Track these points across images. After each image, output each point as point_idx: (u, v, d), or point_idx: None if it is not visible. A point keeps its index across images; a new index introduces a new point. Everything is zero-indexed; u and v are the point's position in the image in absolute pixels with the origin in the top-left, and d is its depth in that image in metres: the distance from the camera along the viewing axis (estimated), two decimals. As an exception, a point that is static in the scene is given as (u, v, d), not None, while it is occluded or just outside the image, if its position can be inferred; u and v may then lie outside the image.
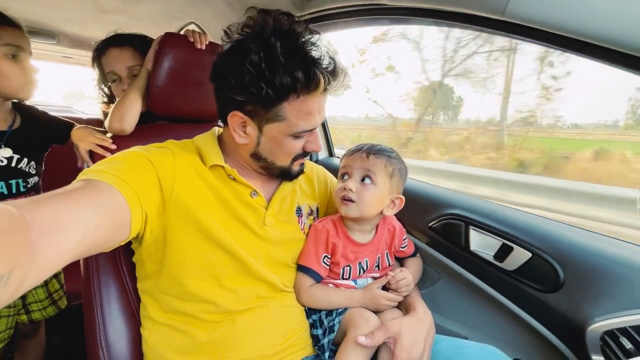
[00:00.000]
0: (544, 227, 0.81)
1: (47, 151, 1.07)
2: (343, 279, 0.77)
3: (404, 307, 0.77)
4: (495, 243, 0.85)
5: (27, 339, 1.16)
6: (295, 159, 0.69)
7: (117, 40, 1.02)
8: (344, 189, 0.74)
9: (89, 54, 1.08)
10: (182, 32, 1.05)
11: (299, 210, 0.78)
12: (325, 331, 0.71)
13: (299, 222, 0.77)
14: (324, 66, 0.60)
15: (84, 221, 0.46)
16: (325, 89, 0.62)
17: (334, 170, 0.90)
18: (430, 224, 0.98)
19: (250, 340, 0.66)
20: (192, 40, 0.92)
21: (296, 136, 0.64)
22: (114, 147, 0.87)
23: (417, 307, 0.73)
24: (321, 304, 0.73)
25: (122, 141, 0.88)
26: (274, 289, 0.71)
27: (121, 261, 0.77)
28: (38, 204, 0.42)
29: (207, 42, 0.94)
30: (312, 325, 0.74)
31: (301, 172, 0.75)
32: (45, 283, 1.11)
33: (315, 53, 0.60)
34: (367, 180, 0.73)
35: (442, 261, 0.97)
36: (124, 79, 1.01)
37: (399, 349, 0.64)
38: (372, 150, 0.75)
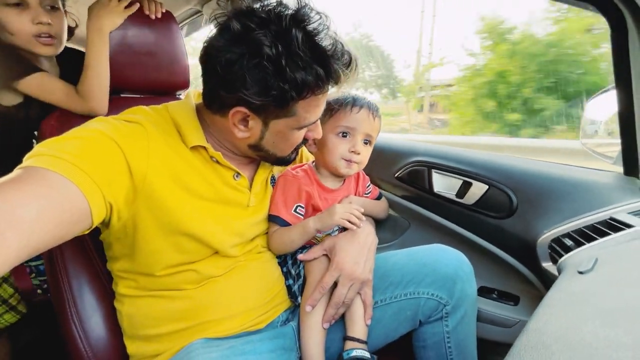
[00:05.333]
0: (498, 161, 0.88)
1: None
2: None
3: None
4: (456, 182, 0.91)
5: None
6: (296, 148, 0.67)
7: None
8: (353, 152, 0.72)
9: None
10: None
11: (273, 179, 0.77)
12: (294, 279, 0.74)
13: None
14: (342, 62, 0.55)
15: (25, 223, 0.40)
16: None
17: None
18: (396, 174, 1.03)
19: (231, 298, 0.66)
20: (147, 12, 0.84)
21: (300, 128, 0.61)
22: None
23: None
24: (286, 245, 0.73)
25: (73, 118, 0.83)
26: (252, 252, 0.72)
27: (85, 236, 0.75)
28: None
29: (163, 11, 0.88)
30: (285, 277, 0.76)
31: (295, 158, 0.72)
32: None
33: (326, 43, 0.53)
34: (367, 142, 0.75)
35: (410, 208, 1.02)
36: (33, 7, 0.79)
37: (332, 257, 0.70)
38: (375, 112, 0.74)
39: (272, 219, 0.72)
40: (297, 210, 0.74)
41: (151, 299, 0.64)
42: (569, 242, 0.62)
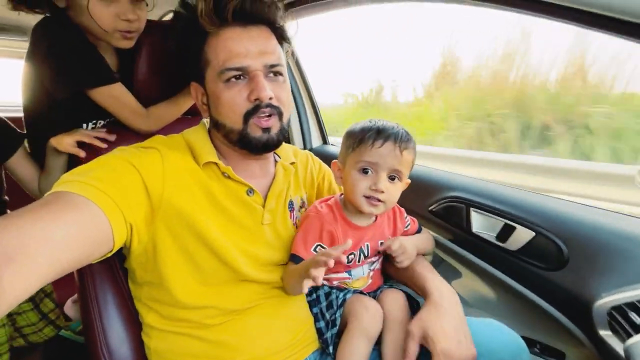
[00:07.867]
0: (546, 205, 0.80)
1: None
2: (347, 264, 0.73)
3: (417, 288, 0.71)
4: (497, 224, 0.84)
5: None
6: (247, 116, 0.60)
7: None
8: (375, 190, 0.66)
9: None
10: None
11: (290, 205, 0.74)
12: (328, 324, 0.69)
13: (290, 217, 0.73)
14: None
15: (54, 243, 0.44)
16: (227, 16, 0.59)
17: (328, 159, 0.85)
18: (430, 208, 0.97)
19: (258, 338, 0.64)
20: None
21: (227, 80, 0.60)
22: (111, 137, 0.82)
23: (430, 290, 0.67)
24: (289, 286, 0.68)
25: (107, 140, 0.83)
26: (272, 287, 0.69)
27: (116, 265, 0.75)
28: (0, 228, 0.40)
29: None
30: (315, 318, 0.72)
31: (268, 142, 0.63)
32: (36, 305, 1.02)
33: None
34: (394, 177, 0.68)
35: (444, 244, 0.97)
36: (122, 0, 0.74)
37: (432, 346, 0.60)
38: (403, 144, 0.67)
39: (291, 257, 0.68)
40: (317, 250, 0.69)
41: (178, 335, 0.64)
42: (637, 318, 0.55)
